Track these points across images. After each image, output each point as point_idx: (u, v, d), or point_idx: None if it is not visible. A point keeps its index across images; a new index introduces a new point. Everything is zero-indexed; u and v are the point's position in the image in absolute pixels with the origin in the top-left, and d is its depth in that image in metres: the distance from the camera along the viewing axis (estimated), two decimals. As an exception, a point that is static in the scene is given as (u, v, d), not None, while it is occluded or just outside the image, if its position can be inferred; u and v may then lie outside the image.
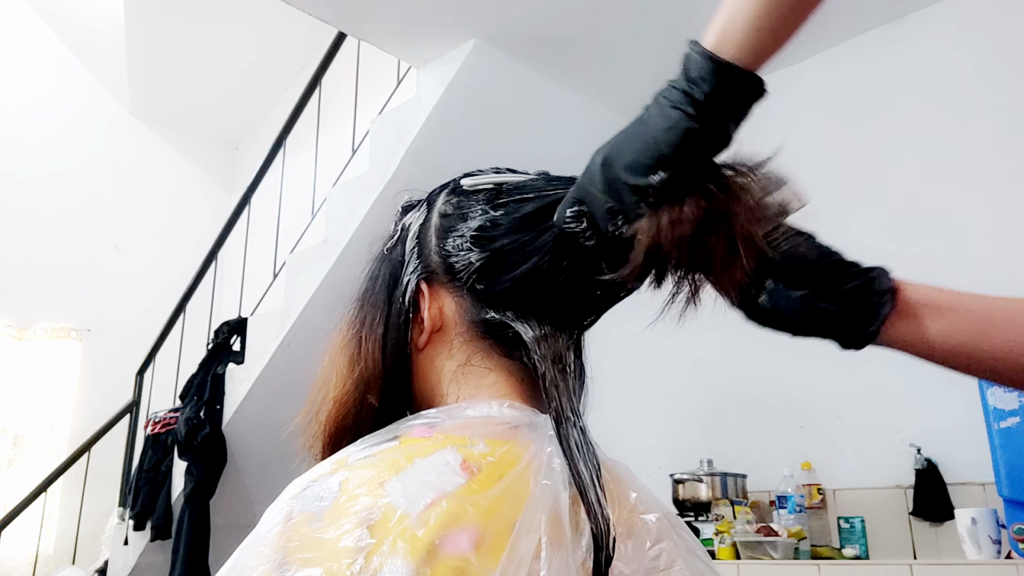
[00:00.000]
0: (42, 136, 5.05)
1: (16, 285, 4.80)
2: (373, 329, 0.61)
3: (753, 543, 2.22)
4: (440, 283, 0.61)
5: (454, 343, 0.60)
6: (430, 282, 0.61)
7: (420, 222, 0.63)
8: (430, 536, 0.45)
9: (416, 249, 0.62)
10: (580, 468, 0.50)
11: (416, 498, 0.47)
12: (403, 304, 0.61)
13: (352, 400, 0.60)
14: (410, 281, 0.61)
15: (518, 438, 0.53)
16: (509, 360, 0.59)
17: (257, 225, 3.77)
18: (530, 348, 0.56)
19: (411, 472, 0.49)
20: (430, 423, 0.55)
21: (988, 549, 1.95)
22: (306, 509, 0.48)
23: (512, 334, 0.57)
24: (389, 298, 0.62)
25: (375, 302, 0.63)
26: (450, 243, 0.60)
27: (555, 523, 0.47)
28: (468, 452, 0.51)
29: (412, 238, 0.63)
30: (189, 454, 3.18)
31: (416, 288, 0.61)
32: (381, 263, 0.64)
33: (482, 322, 0.59)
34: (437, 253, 0.60)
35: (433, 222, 0.62)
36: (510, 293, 0.58)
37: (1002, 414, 1.94)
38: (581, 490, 0.49)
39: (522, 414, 0.55)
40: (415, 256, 0.62)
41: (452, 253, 0.59)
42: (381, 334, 0.61)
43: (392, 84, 3.26)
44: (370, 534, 0.45)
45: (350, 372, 0.61)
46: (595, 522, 0.48)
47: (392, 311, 0.61)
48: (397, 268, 0.62)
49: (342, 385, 0.61)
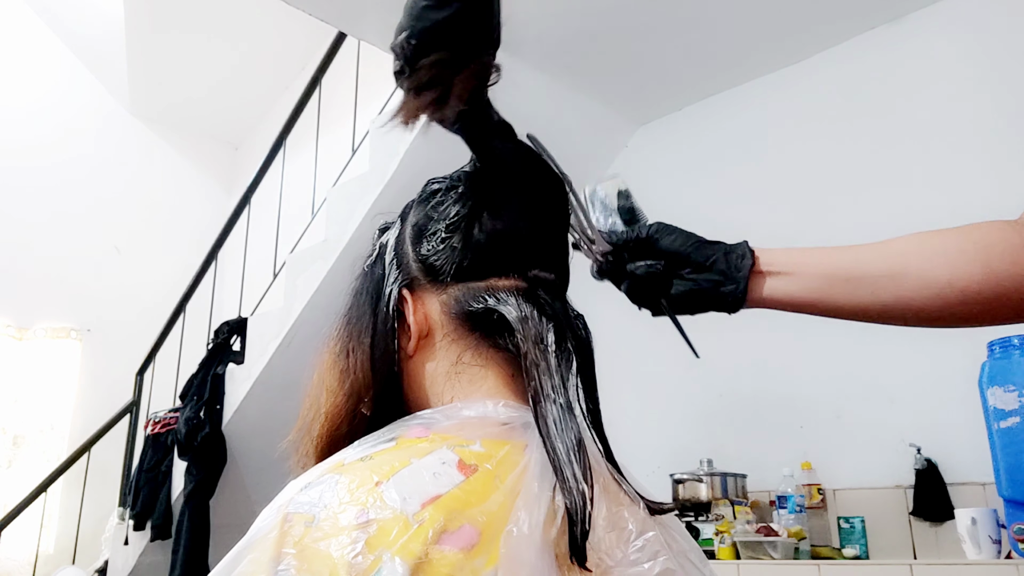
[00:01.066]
0: (42, 136, 5.05)
1: (16, 285, 4.80)
2: (360, 341, 0.62)
3: (753, 543, 2.22)
4: (422, 288, 0.62)
5: (442, 344, 0.60)
6: (412, 289, 0.62)
7: (395, 236, 0.65)
8: (427, 536, 0.45)
9: (395, 260, 0.64)
10: (556, 445, 0.50)
11: (413, 498, 0.47)
12: (388, 313, 0.62)
13: (344, 412, 0.61)
14: (392, 290, 0.62)
15: (514, 437, 0.53)
16: (499, 352, 0.59)
17: (257, 225, 3.77)
18: (515, 328, 0.57)
19: (407, 473, 0.49)
20: (426, 423, 0.55)
21: (988, 549, 1.95)
22: (302, 512, 0.48)
23: (497, 317, 0.58)
24: (374, 310, 0.63)
25: (360, 315, 0.64)
26: (425, 246, 0.62)
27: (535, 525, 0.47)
28: (464, 452, 0.51)
29: (390, 251, 0.65)
30: (189, 454, 3.18)
31: (399, 296, 0.62)
32: (363, 280, 0.66)
33: (467, 315, 0.59)
34: (415, 259, 0.62)
35: (408, 232, 0.64)
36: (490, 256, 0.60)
37: (1002, 414, 1.94)
38: (556, 467, 0.49)
39: (518, 413, 0.55)
40: (395, 267, 0.63)
41: (429, 254, 0.61)
42: (368, 345, 0.62)
43: (392, 84, 3.25)
44: (366, 536, 0.45)
45: (340, 386, 0.62)
46: (569, 498, 0.48)
47: (378, 322, 0.62)
48: (379, 282, 0.64)
49: (333, 399, 0.61)
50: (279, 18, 4.29)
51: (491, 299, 0.58)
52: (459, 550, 0.45)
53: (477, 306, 0.59)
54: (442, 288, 0.61)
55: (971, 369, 2.03)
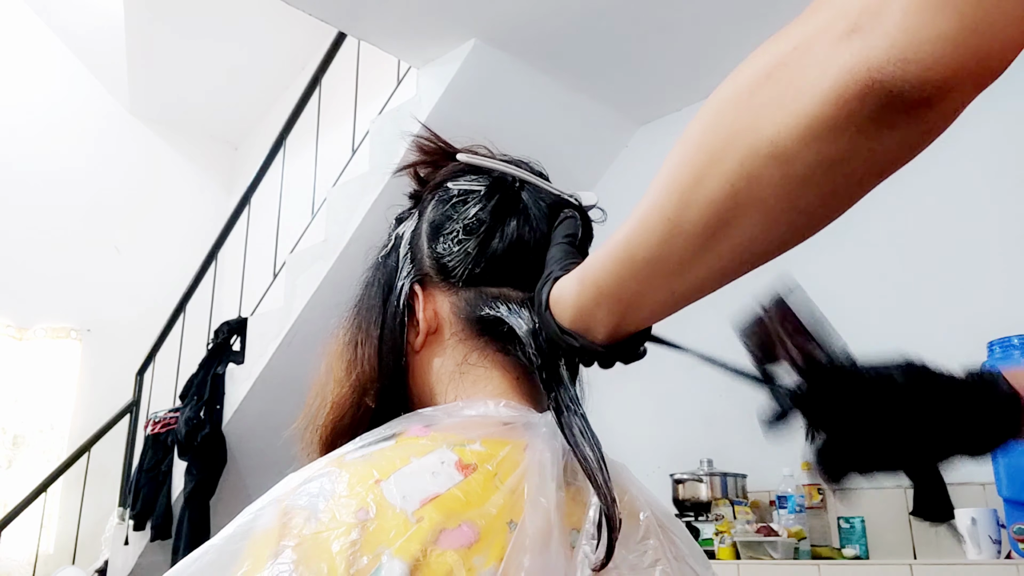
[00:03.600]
0: (42, 136, 5.05)
1: (16, 285, 4.80)
2: (369, 333, 0.62)
3: (753, 543, 2.22)
4: (434, 285, 0.62)
5: (450, 343, 0.60)
6: (424, 285, 0.62)
7: (412, 229, 0.65)
8: (425, 535, 0.45)
9: (409, 254, 0.63)
10: (586, 453, 0.50)
11: (412, 496, 0.47)
12: (398, 307, 0.62)
13: (349, 403, 0.61)
14: (404, 284, 0.62)
15: (514, 437, 0.53)
16: (505, 357, 0.59)
17: (257, 225, 3.77)
18: (524, 342, 0.56)
19: (407, 471, 0.49)
20: (427, 421, 0.56)
21: (988, 549, 1.95)
22: (302, 505, 0.48)
23: (507, 329, 0.58)
24: (384, 303, 0.63)
25: (370, 307, 0.64)
26: (441, 244, 0.61)
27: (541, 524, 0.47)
28: (464, 451, 0.51)
29: (405, 244, 0.64)
30: (189, 454, 3.18)
31: (410, 291, 0.62)
32: (376, 271, 0.66)
33: (477, 320, 0.59)
34: (430, 256, 0.62)
35: (424, 227, 0.63)
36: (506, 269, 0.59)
37: (1002, 414, 1.93)
38: (589, 474, 0.49)
39: (519, 413, 0.55)
40: (408, 261, 0.63)
41: (444, 254, 0.61)
42: (377, 337, 0.62)
43: (392, 84, 3.26)
44: (365, 533, 0.45)
45: (347, 376, 0.62)
46: (606, 503, 0.48)
47: (388, 315, 0.62)
48: (391, 274, 0.64)
49: (339, 389, 0.61)
50: (279, 18, 4.29)
51: (503, 308, 0.58)
52: (457, 549, 0.45)
53: (488, 313, 0.59)
54: (454, 289, 0.61)
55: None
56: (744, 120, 0.38)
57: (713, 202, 0.39)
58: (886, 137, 0.34)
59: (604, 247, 0.48)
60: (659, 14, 2.58)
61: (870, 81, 0.32)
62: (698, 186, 0.40)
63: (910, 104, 0.33)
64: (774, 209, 0.38)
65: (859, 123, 0.34)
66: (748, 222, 0.39)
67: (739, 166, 0.38)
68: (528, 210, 0.61)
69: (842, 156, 0.35)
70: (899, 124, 0.34)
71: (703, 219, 0.40)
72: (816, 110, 0.34)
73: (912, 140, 0.35)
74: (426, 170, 0.67)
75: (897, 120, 0.33)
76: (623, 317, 0.48)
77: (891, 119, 0.33)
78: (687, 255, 0.42)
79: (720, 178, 0.39)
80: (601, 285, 0.48)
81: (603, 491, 0.48)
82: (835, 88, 0.33)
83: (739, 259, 0.42)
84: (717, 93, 0.40)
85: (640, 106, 3.15)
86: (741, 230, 0.40)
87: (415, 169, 0.67)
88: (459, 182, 0.63)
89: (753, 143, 0.37)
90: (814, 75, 0.34)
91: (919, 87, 0.32)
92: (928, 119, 0.34)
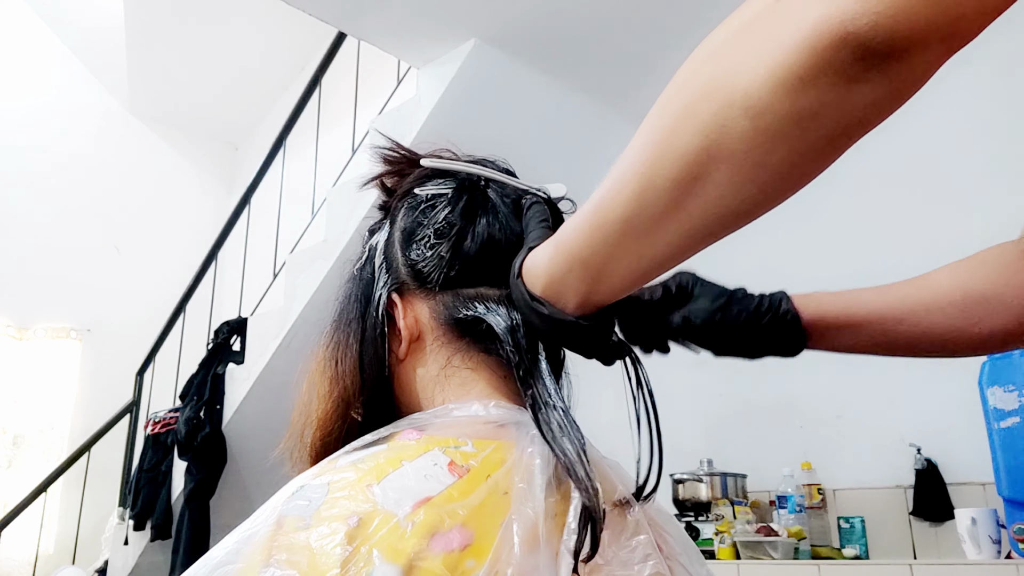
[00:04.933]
0: (42, 136, 5.05)
1: (16, 285, 4.80)
2: (349, 347, 0.62)
3: (753, 543, 2.22)
4: (412, 292, 0.62)
5: (432, 348, 0.60)
6: (402, 293, 0.62)
7: (384, 239, 0.65)
8: (417, 538, 0.45)
9: (384, 264, 0.63)
10: (565, 447, 0.50)
11: (403, 500, 0.47)
12: (377, 318, 0.62)
13: (335, 418, 0.61)
14: (382, 295, 0.62)
15: (506, 437, 0.53)
16: (489, 356, 0.59)
17: (257, 225, 3.77)
18: (502, 340, 0.57)
19: (398, 475, 0.49)
20: (418, 425, 0.55)
21: (988, 549, 1.95)
22: (294, 513, 0.48)
23: (486, 327, 0.58)
24: (363, 315, 0.63)
25: (349, 320, 0.64)
26: (415, 251, 0.61)
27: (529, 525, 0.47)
28: (455, 453, 0.51)
29: (379, 255, 0.64)
30: (189, 454, 3.18)
31: (388, 300, 0.62)
32: (352, 284, 0.66)
33: (456, 322, 0.60)
34: (404, 264, 0.62)
35: (396, 236, 0.63)
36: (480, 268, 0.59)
37: (1002, 414, 1.94)
38: (568, 467, 0.49)
39: (509, 412, 0.55)
40: (384, 271, 0.63)
41: (418, 260, 0.61)
42: (357, 350, 0.62)
43: (392, 84, 3.26)
44: (356, 537, 0.45)
45: (330, 392, 0.62)
46: (587, 496, 0.48)
47: (367, 326, 0.62)
48: (368, 286, 0.64)
49: (323, 405, 0.61)
50: (279, 18, 4.29)
51: (480, 307, 0.58)
52: (450, 551, 0.45)
53: (466, 314, 0.59)
54: (431, 294, 0.61)
55: (971, 369, 2.03)
56: (720, 72, 0.39)
57: (686, 154, 0.40)
58: (856, 92, 0.35)
59: (578, 212, 0.50)
60: (659, 15, 2.58)
61: (843, 32, 0.34)
62: (672, 138, 0.41)
63: (880, 56, 0.34)
64: (744, 164, 0.39)
65: (831, 75, 0.35)
66: (719, 177, 0.40)
67: (712, 118, 0.39)
68: (497, 208, 0.61)
69: (813, 110, 0.36)
70: (869, 78, 0.35)
71: (675, 172, 0.41)
72: (789, 59, 0.35)
73: (882, 98, 0.36)
74: (392, 180, 0.67)
75: (868, 74, 0.35)
76: (593, 285, 0.49)
77: (862, 72, 0.35)
78: (657, 212, 0.43)
79: (694, 130, 0.40)
80: (573, 250, 0.49)
81: (583, 484, 0.48)
82: (809, 39, 0.35)
83: (709, 219, 0.42)
84: (696, 50, 0.42)
85: (639, 105, 3.15)
86: (712, 185, 0.40)
87: (381, 180, 0.67)
88: (426, 187, 0.63)
89: (728, 95, 0.38)
90: (790, 27, 0.36)
91: (889, 40, 0.33)
92: (899, 74, 0.35)
